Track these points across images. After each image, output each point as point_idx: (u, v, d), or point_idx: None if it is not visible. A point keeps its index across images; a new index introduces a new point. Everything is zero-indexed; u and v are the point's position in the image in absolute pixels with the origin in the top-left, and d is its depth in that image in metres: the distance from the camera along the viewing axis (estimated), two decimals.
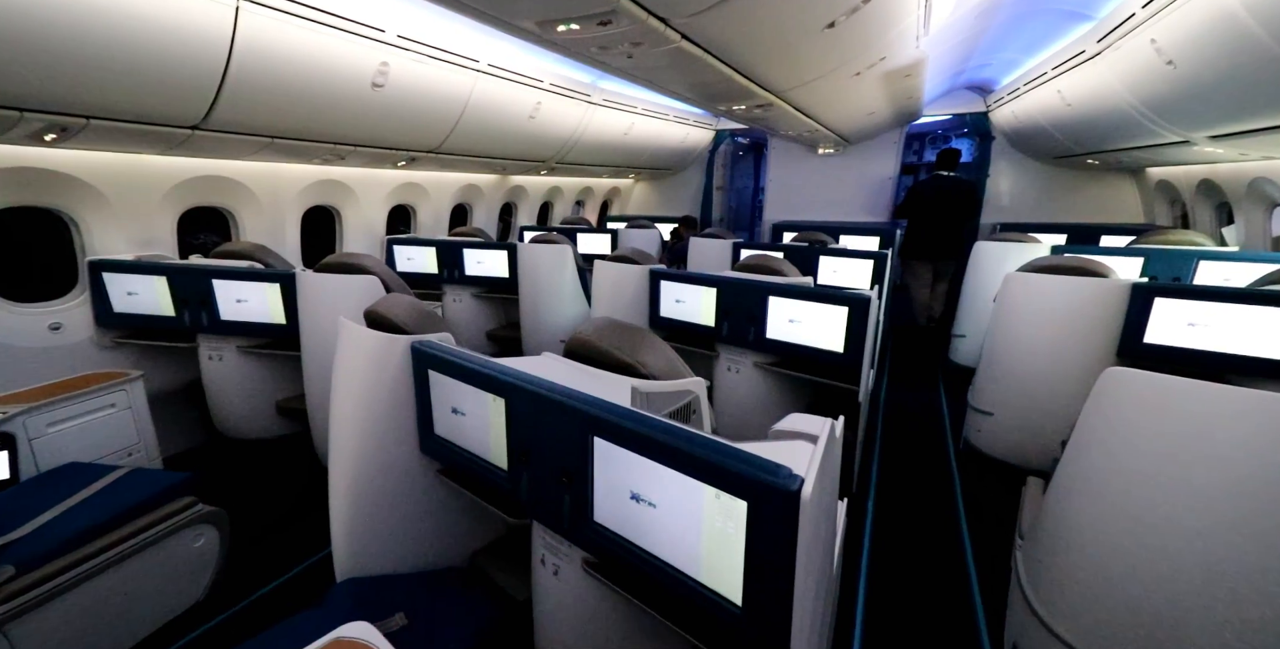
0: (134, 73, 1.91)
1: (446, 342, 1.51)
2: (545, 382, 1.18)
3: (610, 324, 1.38)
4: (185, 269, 2.51)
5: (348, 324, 1.58)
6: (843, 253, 3.85)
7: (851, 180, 6.55)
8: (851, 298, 2.30)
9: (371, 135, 3.10)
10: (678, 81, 2.34)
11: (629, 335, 1.34)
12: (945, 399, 3.89)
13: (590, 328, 1.40)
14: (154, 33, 1.85)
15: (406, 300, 1.64)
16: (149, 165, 2.64)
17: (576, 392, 1.12)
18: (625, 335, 1.34)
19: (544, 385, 1.17)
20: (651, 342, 1.34)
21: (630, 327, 1.38)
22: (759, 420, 2.82)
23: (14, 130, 1.93)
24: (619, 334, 1.35)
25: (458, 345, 1.65)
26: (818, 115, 3.66)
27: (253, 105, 2.34)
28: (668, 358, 1.33)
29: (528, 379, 1.20)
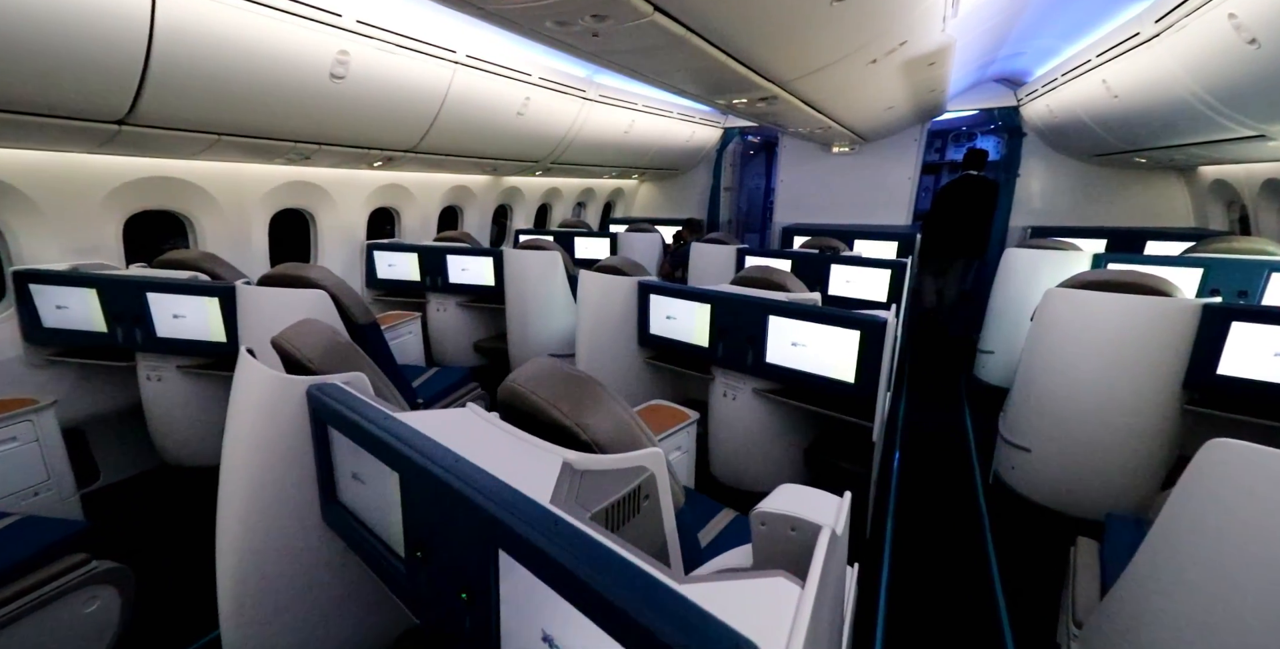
0: (36, 58, 1.66)
1: (359, 384, 1.22)
2: (448, 457, 0.88)
3: (550, 372, 1.08)
4: (116, 281, 2.26)
5: (245, 357, 1.30)
6: (857, 261, 3.50)
7: (868, 181, 6.15)
8: (864, 321, 1.96)
9: (337, 133, 2.83)
10: (664, 70, 2.03)
11: (571, 388, 1.04)
12: (971, 423, 3.51)
13: (525, 375, 1.09)
14: (58, 14, 1.59)
15: (320, 330, 1.34)
16: (85, 165, 2.40)
17: (483, 478, 0.82)
18: (566, 388, 1.04)
19: (444, 462, 0.87)
20: (598, 398, 1.03)
21: (575, 376, 1.07)
22: (759, 453, 2.49)
23: None
24: (558, 386, 1.04)
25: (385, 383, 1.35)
26: (829, 110, 3.31)
27: (185, 97, 2.08)
28: (618, 420, 1.02)
29: (427, 451, 0.90)
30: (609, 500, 0.85)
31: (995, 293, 3.77)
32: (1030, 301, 3.47)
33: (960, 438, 3.32)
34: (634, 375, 2.85)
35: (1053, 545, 2.27)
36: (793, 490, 1.09)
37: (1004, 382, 3.69)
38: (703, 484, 2.62)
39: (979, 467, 2.94)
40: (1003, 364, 3.74)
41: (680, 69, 1.99)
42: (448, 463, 0.86)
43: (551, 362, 1.12)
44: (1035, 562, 2.19)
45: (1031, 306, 3.43)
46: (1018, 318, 3.56)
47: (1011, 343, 3.65)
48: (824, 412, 2.18)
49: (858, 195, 6.23)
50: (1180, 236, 3.96)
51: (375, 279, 4.09)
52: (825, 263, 3.58)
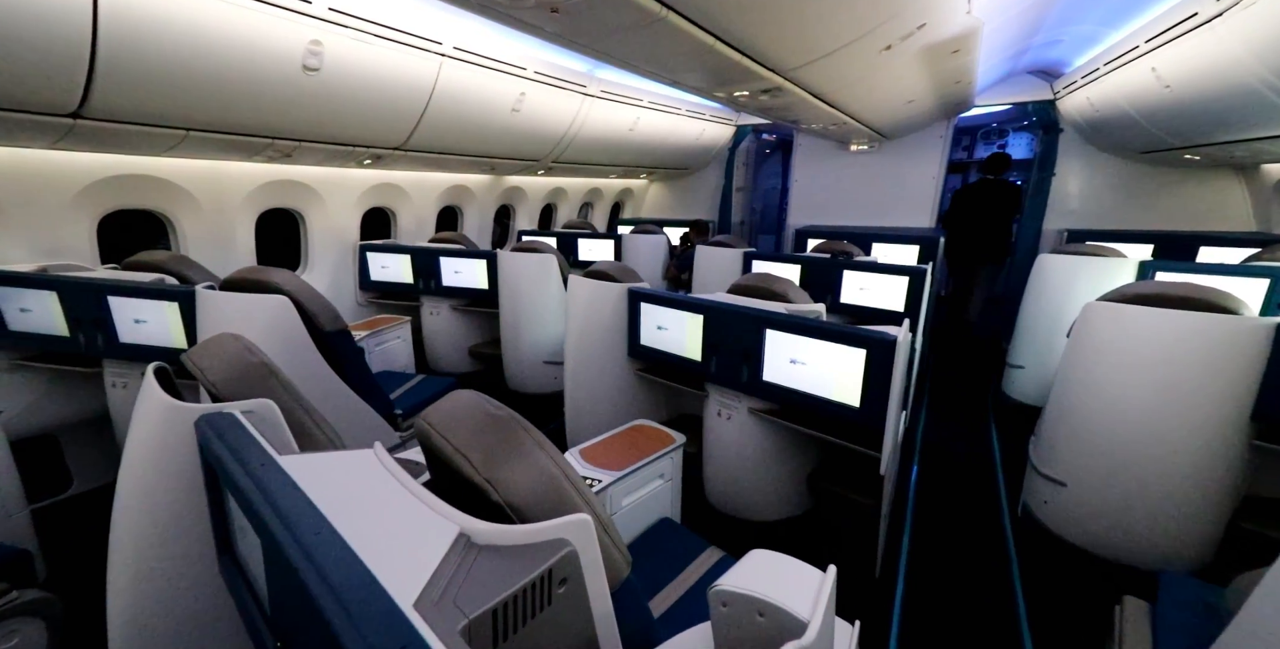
0: None
1: (264, 414, 1.04)
2: (314, 525, 0.69)
3: (467, 409, 0.88)
4: (77, 283, 2.15)
5: (148, 377, 1.14)
6: (872, 267, 3.23)
7: (889, 181, 5.84)
8: (871, 338, 1.72)
9: (316, 129, 2.70)
10: (642, 56, 1.82)
11: (487, 433, 0.84)
12: (999, 446, 3.21)
13: (439, 412, 0.90)
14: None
15: (229, 348, 1.17)
16: (52, 162, 2.31)
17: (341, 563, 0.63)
18: (481, 432, 0.84)
19: (305, 535, 0.68)
20: (519, 446, 0.83)
21: (495, 417, 0.87)
22: (756, 479, 2.27)
23: None
24: (473, 428, 0.85)
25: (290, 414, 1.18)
26: (841, 103, 3.05)
27: (141, 89, 1.95)
28: (542, 475, 0.82)
29: (292, 516, 0.72)
30: (505, 594, 0.65)
31: (1026, 302, 3.45)
32: (1065, 313, 3.17)
33: (986, 463, 3.03)
34: (624, 388, 2.65)
35: (1093, 597, 1.99)
36: (765, 560, 0.89)
37: (1035, 400, 3.38)
38: (696, 512, 2.40)
39: (1006, 497, 2.66)
40: (1034, 380, 3.43)
41: (663, 55, 1.78)
42: (308, 536, 0.68)
43: (473, 397, 0.92)
44: (1071, 614, 1.92)
45: (1067, 319, 3.13)
46: (1051, 331, 3.25)
47: (1044, 358, 3.34)
48: (826, 437, 1.95)
49: (877, 196, 5.92)
50: (1239, 242, 3.58)
51: (368, 281, 3.98)
52: (837, 269, 3.32)
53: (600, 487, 1.60)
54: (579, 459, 1.72)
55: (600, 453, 1.78)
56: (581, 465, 1.69)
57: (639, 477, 1.74)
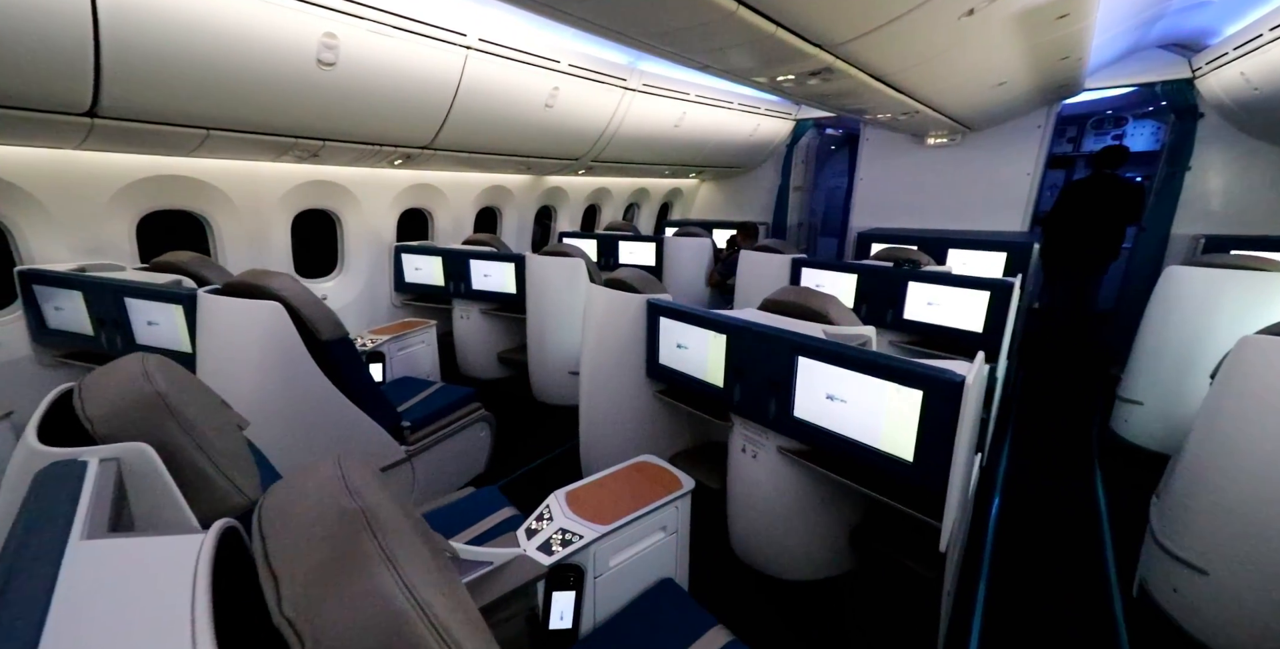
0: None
1: (135, 463, 0.84)
2: None
3: (312, 501, 0.64)
4: (97, 284, 2.18)
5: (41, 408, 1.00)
6: (944, 279, 2.74)
7: (973, 179, 5.14)
8: (930, 377, 1.34)
9: (338, 127, 2.63)
10: (659, 32, 1.52)
11: (325, 543, 0.59)
12: (1105, 499, 2.62)
13: (273, 502, 0.66)
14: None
15: (121, 380, 0.96)
16: (90, 163, 2.37)
17: None
18: (317, 542, 0.59)
19: None
20: (357, 567, 0.55)
21: (347, 517, 0.61)
22: (788, 528, 1.91)
23: None
24: (307, 534, 0.60)
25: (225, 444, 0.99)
26: (910, 87, 2.57)
27: (151, 87, 1.92)
28: (385, 617, 0.54)
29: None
30: None
31: (1149, 323, 2.82)
32: (1201, 341, 2.54)
33: (1088, 521, 2.46)
34: (642, 411, 2.37)
35: None
36: None
37: (1157, 444, 2.75)
38: (717, 563, 2.08)
39: (1116, 571, 2.12)
40: (1155, 421, 2.79)
41: (682, 30, 1.47)
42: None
43: (326, 480, 0.66)
44: None
45: (1203, 348, 2.51)
46: (1181, 361, 2.62)
47: (1170, 394, 2.71)
48: (874, 495, 1.57)
49: (958, 196, 5.23)
50: None
51: (403, 283, 3.95)
52: (900, 280, 2.86)
53: (581, 544, 1.33)
54: (563, 506, 1.46)
55: (590, 497, 1.51)
56: (565, 513, 1.43)
57: (635, 529, 1.46)
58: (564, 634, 1.36)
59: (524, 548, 1.33)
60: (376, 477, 0.65)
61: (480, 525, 1.67)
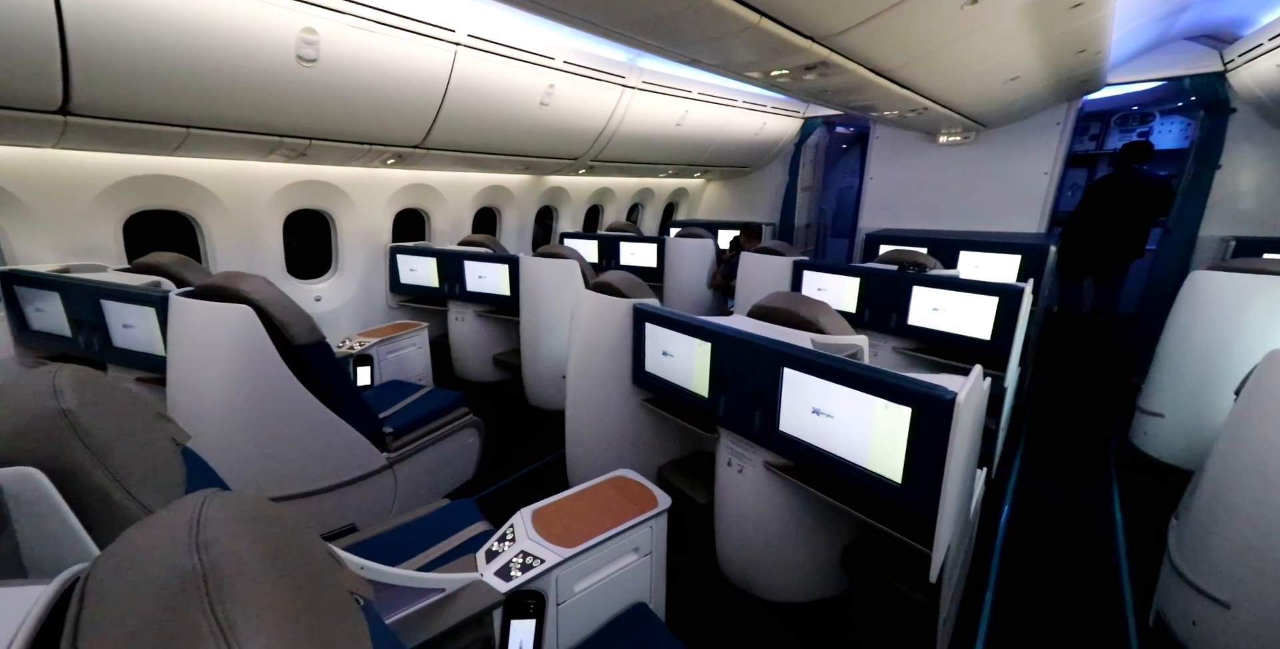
0: None
1: (22, 486, 0.76)
2: None
3: (143, 567, 0.54)
4: (74, 285, 2.15)
5: None
6: (950, 284, 2.61)
7: (988, 178, 4.97)
8: (920, 394, 1.23)
9: (324, 126, 2.58)
10: (637, 23, 1.42)
11: (150, 622, 0.50)
12: (1121, 517, 2.47)
13: (104, 570, 0.57)
14: None
15: (26, 397, 0.85)
16: (74, 163, 2.34)
17: None
18: (142, 621, 0.50)
19: None
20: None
21: (179, 590, 0.52)
22: (776, 548, 1.81)
23: None
24: (130, 609, 0.51)
25: None
26: (914, 82, 2.44)
27: (123, 83, 1.88)
28: None
29: None
30: None
31: (1171, 332, 2.66)
32: (1228, 353, 2.37)
33: (1103, 540, 2.31)
34: (629, 420, 2.28)
35: None
36: None
37: (1178, 459, 2.59)
38: (705, 583, 1.99)
39: (1133, 597, 1.98)
40: (1177, 435, 2.63)
41: (657, 19, 1.37)
42: None
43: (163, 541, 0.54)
44: None
45: (1230, 359, 2.35)
46: (1205, 373, 2.46)
47: (1193, 406, 2.55)
48: (856, 515, 1.46)
49: (972, 196, 5.06)
50: None
51: (399, 284, 3.91)
52: (905, 283, 2.73)
53: (542, 569, 1.24)
54: (528, 525, 1.38)
55: (558, 516, 1.43)
56: (529, 534, 1.34)
57: (604, 552, 1.37)
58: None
59: (481, 572, 1.25)
60: (257, 517, 0.57)
61: (447, 542, 1.59)
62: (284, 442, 1.96)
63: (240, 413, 1.86)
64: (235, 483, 1.92)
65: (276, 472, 1.97)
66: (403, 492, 2.38)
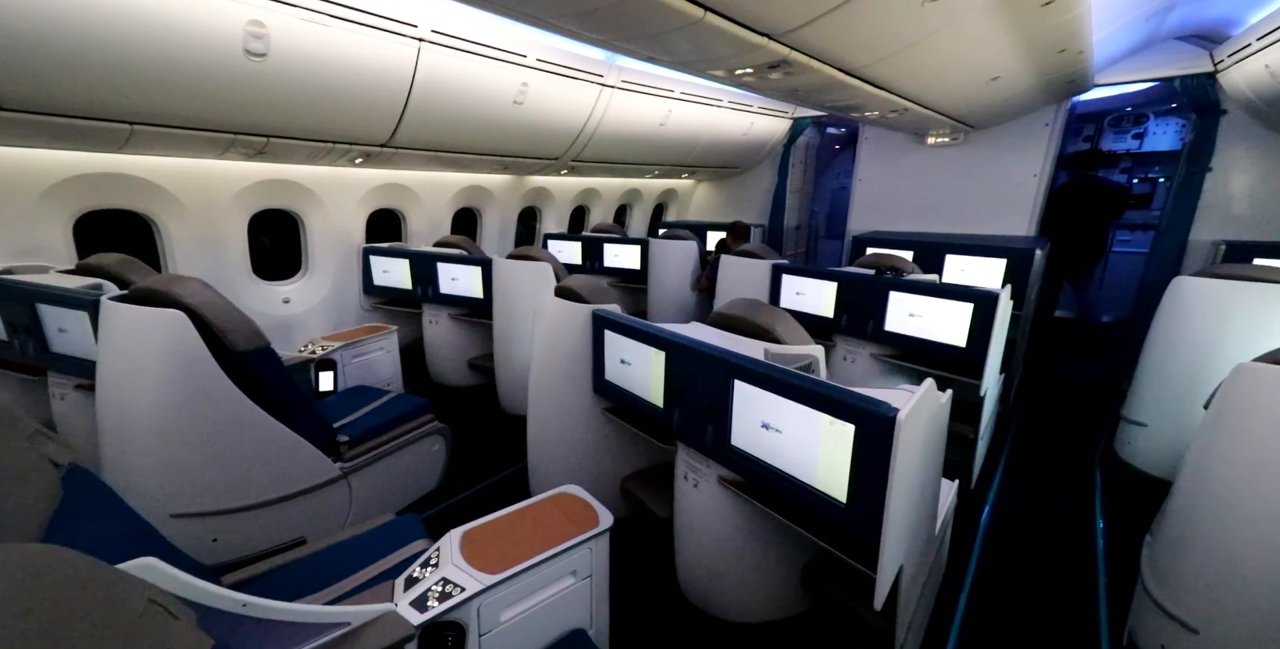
0: None
1: None
2: None
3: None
4: (6, 288, 2.06)
5: None
6: (924, 289, 2.53)
7: (977, 180, 4.90)
8: (862, 410, 1.15)
9: (281, 123, 2.50)
10: (578, 14, 1.34)
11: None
12: (1103, 531, 2.39)
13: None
14: None
15: None
16: (16, 160, 2.26)
17: None
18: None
19: None
20: None
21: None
22: (735, 566, 1.73)
23: None
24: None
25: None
26: (887, 81, 2.35)
27: (48, 75, 1.79)
28: None
29: None
30: None
31: (1153, 339, 2.58)
32: (1210, 361, 2.30)
33: (1082, 556, 2.23)
34: (589, 430, 2.20)
35: None
36: None
37: (1161, 470, 2.52)
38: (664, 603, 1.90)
39: (1108, 621, 1.89)
40: (1160, 445, 2.55)
41: (596, 11, 1.28)
42: None
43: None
44: None
45: (1214, 370, 2.28)
46: (1188, 382, 2.39)
47: (1175, 416, 2.48)
48: (804, 533, 1.38)
49: (961, 198, 4.99)
50: None
51: (372, 285, 3.82)
52: (881, 288, 2.65)
53: (461, 598, 1.16)
54: (455, 548, 1.29)
55: (490, 538, 1.34)
56: (453, 559, 1.26)
57: (534, 577, 1.28)
58: None
59: (396, 602, 1.16)
60: (37, 584, 0.48)
61: (380, 564, 1.51)
62: (224, 452, 1.87)
63: (174, 422, 1.77)
64: (169, 496, 1.85)
65: (217, 484, 1.89)
66: (359, 502, 2.30)
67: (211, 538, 1.97)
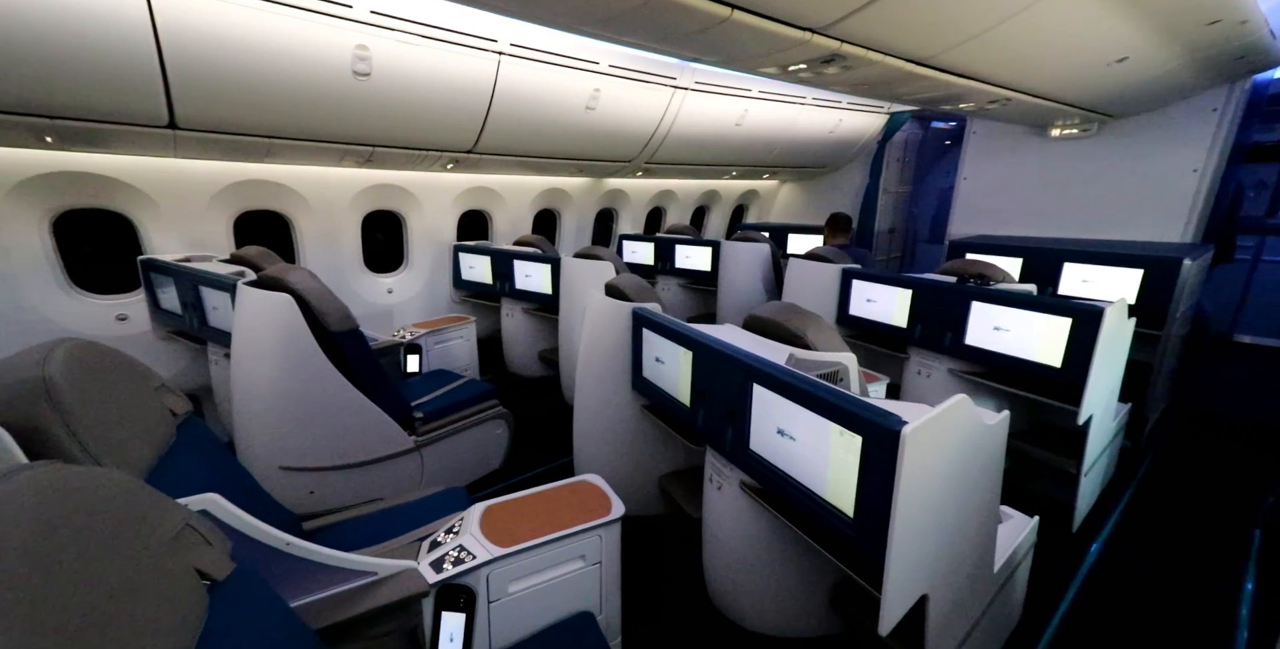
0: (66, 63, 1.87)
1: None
2: None
3: None
4: (180, 272, 2.57)
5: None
6: (1014, 301, 2.25)
7: (1115, 177, 4.21)
8: (869, 423, 1.08)
9: (383, 134, 2.84)
10: (605, 19, 1.37)
11: None
12: (1252, 589, 1.97)
13: None
14: (44, 9, 1.74)
15: (30, 357, 0.95)
16: (192, 169, 2.80)
17: None
18: None
19: None
20: None
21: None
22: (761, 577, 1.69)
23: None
24: None
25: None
26: (974, 70, 2.08)
27: (212, 101, 2.22)
28: None
29: None
30: None
31: None
32: None
33: (1213, 630, 1.85)
34: (627, 424, 2.25)
35: None
36: None
37: None
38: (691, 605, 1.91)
39: None
40: None
41: (623, 15, 1.31)
42: None
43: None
44: None
45: None
46: None
47: None
48: (815, 545, 1.31)
49: (1093, 198, 4.32)
50: None
51: (460, 280, 4.20)
52: (963, 298, 2.40)
53: (471, 565, 1.27)
54: (476, 520, 1.41)
55: (507, 515, 1.45)
56: (473, 529, 1.38)
57: (541, 556, 1.36)
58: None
59: (419, 561, 1.30)
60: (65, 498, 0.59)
61: (423, 529, 1.66)
62: (318, 418, 2.19)
63: (282, 389, 2.11)
64: (279, 451, 2.20)
65: (313, 444, 2.21)
66: (429, 473, 2.56)
67: (309, 490, 2.31)
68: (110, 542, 0.62)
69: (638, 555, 2.14)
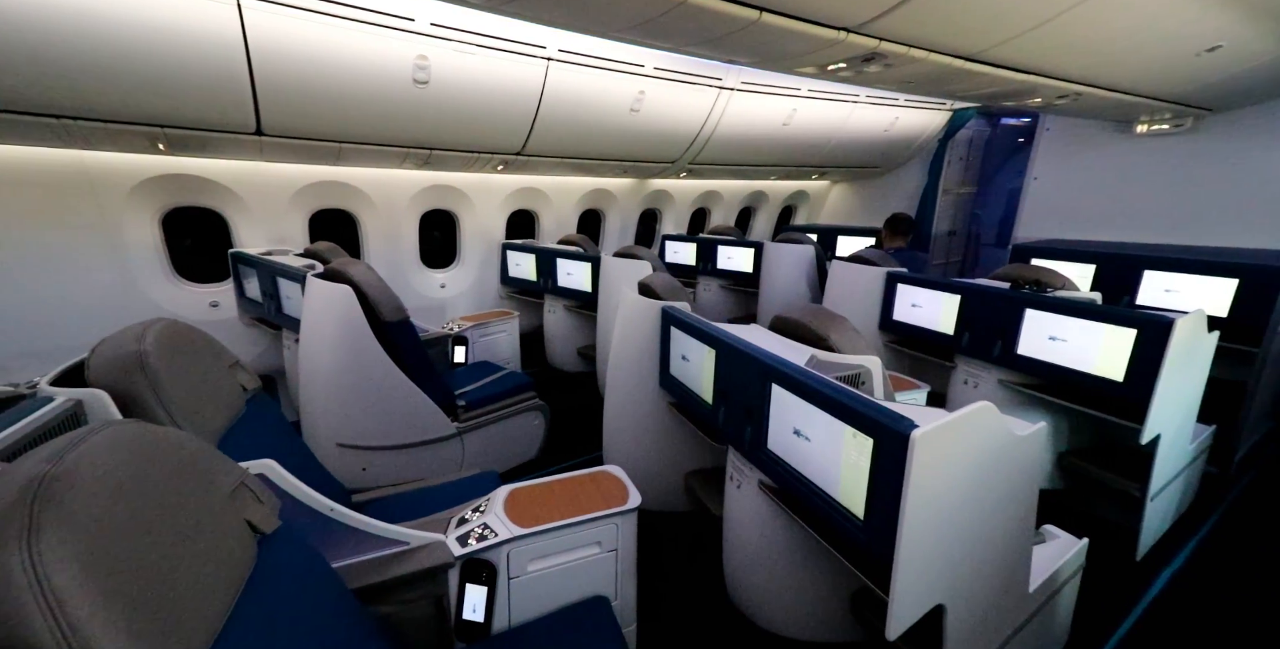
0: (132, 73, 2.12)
1: (93, 401, 1.06)
2: None
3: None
4: (261, 263, 2.85)
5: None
6: (1072, 309, 2.11)
7: (1211, 177, 3.82)
8: (880, 425, 1.07)
9: (439, 137, 3.03)
10: (636, 26, 1.41)
11: None
12: None
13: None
14: (158, 35, 2.00)
15: (131, 333, 1.15)
16: (276, 171, 3.10)
17: None
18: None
19: None
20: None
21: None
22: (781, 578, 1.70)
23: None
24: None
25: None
26: (1034, 64, 1.94)
27: (292, 110, 2.45)
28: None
29: None
30: None
31: None
32: None
33: None
34: (655, 420, 2.29)
35: None
36: None
37: None
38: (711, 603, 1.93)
39: None
40: None
41: (653, 20, 1.34)
42: None
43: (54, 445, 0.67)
44: None
45: None
46: None
47: None
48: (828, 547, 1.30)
49: (1184, 201, 3.94)
50: None
51: (507, 276, 4.38)
52: (1016, 305, 2.27)
53: (493, 541, 1.36)
54: (501, 501, 1.50)
55: (531, 498, 1.52)
56: (498, 509, 1.46)
57: (559, 539, 1.43)
58: (476, 626, 1.40)
59: (447, 535, 1.40)
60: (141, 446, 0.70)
61: (457, 508, 1.79)
62: (370, 400, 2.37)
63: (340, 372, 2.31)
64: (337, 429, 2.41)
65: (364, 425, 2.40)
66: (470, 457, 2.71)
67: (362, 467, 2.50)
68: (178, 489, 0.73)
69: (661, 549, 2.18)
